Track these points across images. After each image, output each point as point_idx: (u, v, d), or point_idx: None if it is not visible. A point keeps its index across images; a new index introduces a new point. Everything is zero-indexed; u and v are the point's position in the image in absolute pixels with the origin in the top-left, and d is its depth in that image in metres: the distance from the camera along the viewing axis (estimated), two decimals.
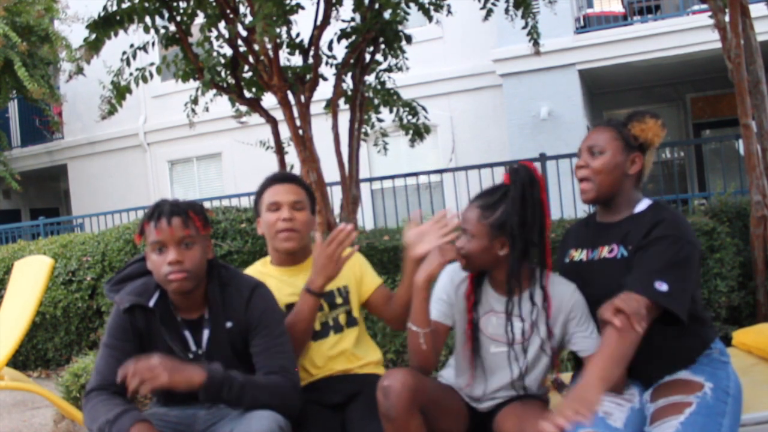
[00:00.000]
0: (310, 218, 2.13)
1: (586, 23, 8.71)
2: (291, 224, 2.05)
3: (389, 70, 5.37)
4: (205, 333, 1.87)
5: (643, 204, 1.88)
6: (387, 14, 4.67)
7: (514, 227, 1.80)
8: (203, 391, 1.69)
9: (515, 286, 1.85)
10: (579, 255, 1.94)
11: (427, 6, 4.98)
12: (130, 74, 4.65)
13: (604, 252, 1.87)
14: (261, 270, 2.18)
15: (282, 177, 2.16)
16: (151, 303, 1.86)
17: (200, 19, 4.62)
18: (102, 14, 4.26)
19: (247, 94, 4.88)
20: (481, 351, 1.90)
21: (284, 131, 4.79)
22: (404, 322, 1.96)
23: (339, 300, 2.12)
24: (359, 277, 2.17)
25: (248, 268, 2.21)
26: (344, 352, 2.11)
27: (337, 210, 4.87)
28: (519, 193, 1.80)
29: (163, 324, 1.85)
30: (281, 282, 2.11)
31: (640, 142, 1.86)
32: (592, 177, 1.86)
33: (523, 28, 5.15)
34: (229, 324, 1.88)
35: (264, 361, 1.84)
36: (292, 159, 4.85)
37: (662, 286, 1.65)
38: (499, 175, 6.52)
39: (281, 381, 1.79)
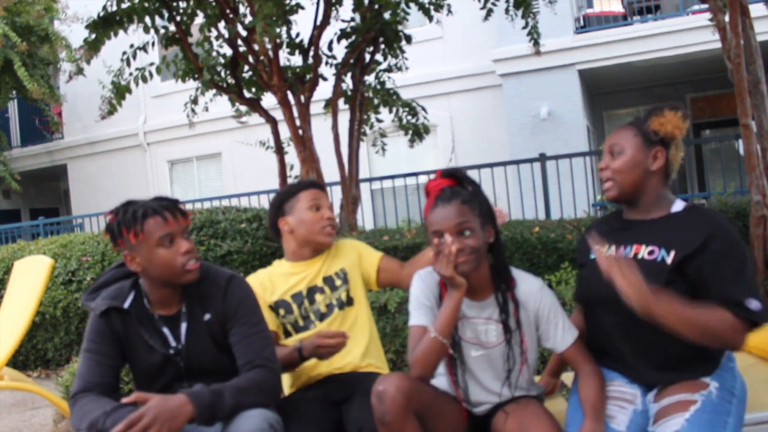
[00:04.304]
0: None
1: (586, 23, 8.71)
2: (335, 222, 2.34)
3: (389, 70, 5.38)
4: (183, 327, 1.90)
5: (678, 204, 1.85)
6: (387, 14, 4.67)
7: (492, 212, 1.91)
8: (198, 419, 1.69)
9: (501, 281, 1.87)
10: (607, 251, 1.85)
11: (427, 6, 4.98)
12: (130, 74, 4.65)
13: (642, 252, 1.81)
14: (275, 270, 2.34)
15: (317, 183, 2.43)
16: (126, 304, 1.89)
17: (200, 19, 4.63)
18: (102, 14, 4.26)
19: (247, 94, 4.88)
20: (464, 356, 1.90)
21: (284, 131, 4.79)
22: None
23: (338, 282, 2.28)
24: (358, 257, 2.35)
25: (260, 272, 2.35)
26: (352, 332, 2.19)
27: (337, 210, 4.87)
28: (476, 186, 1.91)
29: (140, 323, 1.89)
30: (292, 275, 2.28)
31: (661, 136, 1.84)
32: (613, 176, 1.86)
33: (523, 28, 5.15)
34: (207, 316, 1.90)
35: (243, 351, 1.86)
36: (292, 159, 4.85)
37: (752, 303, 1.66)
38: (500, 175, 6.57)
39: (264, 375, 1.82)
